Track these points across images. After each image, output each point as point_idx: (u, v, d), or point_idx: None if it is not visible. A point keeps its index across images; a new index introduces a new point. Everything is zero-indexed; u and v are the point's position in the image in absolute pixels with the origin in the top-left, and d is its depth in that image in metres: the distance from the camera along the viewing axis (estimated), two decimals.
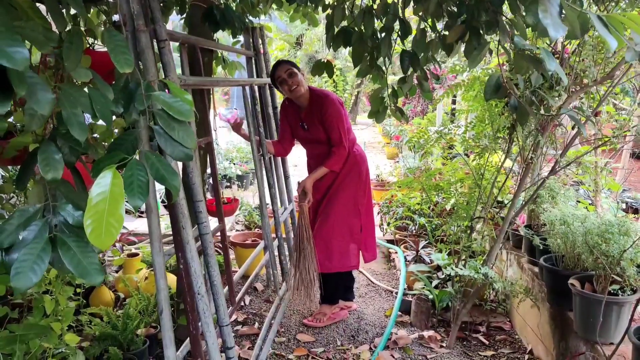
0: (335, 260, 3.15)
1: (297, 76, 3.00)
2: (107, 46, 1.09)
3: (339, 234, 3.15)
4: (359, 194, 3.19)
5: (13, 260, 1.05)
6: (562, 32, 0.99)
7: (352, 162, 3.12)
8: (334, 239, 3.14)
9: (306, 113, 3.10)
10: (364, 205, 3.22)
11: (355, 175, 3.14)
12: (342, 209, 3.14)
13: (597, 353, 2.23)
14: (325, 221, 3.16)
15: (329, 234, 3.13)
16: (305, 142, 3.23)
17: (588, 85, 2.40)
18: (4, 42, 0.75)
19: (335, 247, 3.14)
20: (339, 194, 3.14)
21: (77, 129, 1.03)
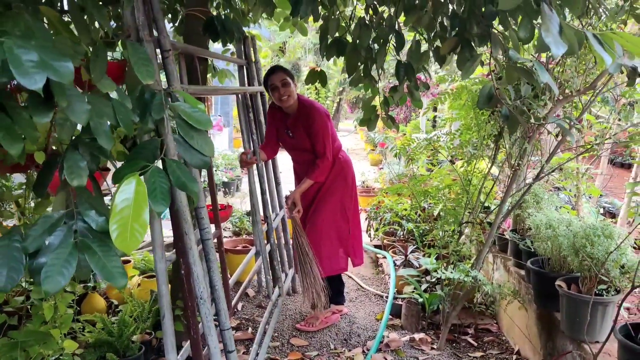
0: (324, 265, 3.22)
1: (289, 86, 3.06)
2: (130, 58, 1.14)
3: (328, 238, 3.24)
4: (346, 199, 3.27)
5: (41, 265, 1.09)
6: (562, 49, 1.08)
7: (339, 168, 3.21)
8: (322, 244, 3.21)
9: (292, 121, 3.17)
10: (351, 209, 3.31)
11: (341, 181, 3.23)
12: (330, 214, 3.23)
13: (583, 351, 2.32)
14: (314, 226, 3.23)
15: (317, 239, 3.21)
16: (290, 148, 3.31)
17: (572, 94, 2.51)
18: (50, 57, 0.79)
19: (325, 252, 3.22)
20: (326, 199, 3.23)
21: (104, 137, 1.07)
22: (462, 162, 3.28)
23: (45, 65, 0.78)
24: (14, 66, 0.75)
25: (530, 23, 1.67)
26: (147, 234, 2.09)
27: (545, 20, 1.07)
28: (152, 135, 1.84)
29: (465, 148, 3.31)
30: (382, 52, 2.28)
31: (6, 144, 0.91)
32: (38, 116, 0.87)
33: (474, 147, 3.35)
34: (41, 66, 0.77)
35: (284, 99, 3.06)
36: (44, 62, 0.78)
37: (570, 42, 1.08)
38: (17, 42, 0.77)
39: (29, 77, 0.76)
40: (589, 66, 2.66)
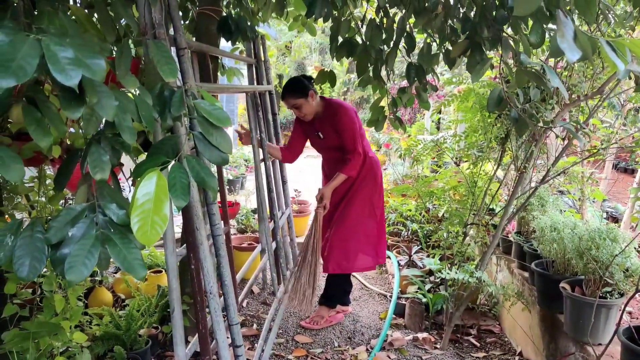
0: (351, 261, 3.25)
1: (302, 107, 3.09)
2: (153, 56, 1.17)
3: (356, 235, 3.26)
4: (375, 197, 3.31)
5: (64, 255, 1.12)
6: (577, 55, 1.10)
7: (369, 166, 3.24)
8: (351, 240, 3.24)
9: (320, 122, 3.21)
10: (379, 208, 3.34)
11: (371, 179, 3.26)
12: (359, 211, 3.25)
13: (586, 353, 2.35)
14: (343, 222, 3.26)
15: (347, 235, 3.24)
16: (321, 148, 3.36)
17: (579, 99, 2.53)
18: (84, 54, 0.82)
19: (352, 248, 3.25)
20: (356, 196, 3.26)
21: (128, 133, 1.10)
22: (469, 164, 3.31)
23: (80, 63, 0.81)
24: (52, 63, 0.78)
25: (541, 28, 1.70)
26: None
27: (560, 27, 1.09)
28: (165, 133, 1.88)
29: (471, 150, 3.34)
30: (393, 54, 2.31)
31: (37, 137, 0.94)
32: (70, 111, 0.90)
33: (479, 150, 3.37)
34: (76, 63, 0.80)
35: (303, 115, 3.15)
36: (79, 59, 0.81)
37: (584, 48, 1.11)
38: (53, 40, 0.80)
39: (65, 74, 0.79)
40: (596, 71, 2.69)
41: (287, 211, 3.78)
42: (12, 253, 1.16)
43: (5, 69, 0.74)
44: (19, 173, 0.95)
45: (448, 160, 4.63)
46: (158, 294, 3.09)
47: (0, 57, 0.74)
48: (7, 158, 0.94)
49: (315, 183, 3.81)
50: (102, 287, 3.35)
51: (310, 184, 8.39)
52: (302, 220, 5.33)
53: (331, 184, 3.15)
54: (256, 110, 3.31)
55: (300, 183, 8.14)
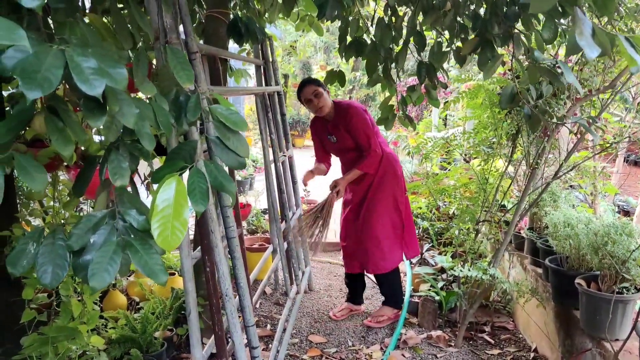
0: (388, 260, 3.29)
1: (322, 96, 3.13)
2: (169, 62, 1.18)
3: (385, 232, 3.28)
4: (398, 192, 3.31)
5: (87, 262, 1.13)
6: (596, 52, 1.10)
7: (387, 162, 3.25)
8: (383, 239, 3.26)
9: (332, 125, 3.24)
10: (403, 203, 3.34)
11: (391, 175, 3.27)
12: (384, 208, 3.27)
13: (603, 349, 2.34)
14: (371, 223, 3.27)
15: (377, 234, 3.26)
16: (336, 151, 3.39)
17: (591, 93, 2.52)
18: (106, 64, 0.83)
19: (386, 247, 3.27)
20: (379, 193, 3.27)
21: (147, 139, 1.11)
22: (480, 160, 3.30)
23: (103, 72, 0.81)
24: (76, 73, 0.78)
25: (554, 24, 1.70)
26: None
27: (579, 24, 1.09)
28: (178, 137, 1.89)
29: (481, 147, 3.33)
30: (404, 53, 2.30)
31: (59, 147, 0.95)
32: (93, 120, 0.91)
33: (488, 147, 3.36)
34: (100, 73, 0.81)
35: (320, 107, 3.16)
36: (102, 69, 0.82)
37: (603, 45, 1.11)
38: (76, 50, 0.80)
39: (90, 84, 0.79)
40: (607, 65, 2.67)
41: (298, 211, 3.79)
42: (35, 260, 1.17)
43: (31, 80, 0.74)
44: (43, 182, 0.96)
45: (458, 157, 4.62)
46: (172, 297, 3.10)
47: (26, 68, 0.75)
48: (31, 168, 0.95)
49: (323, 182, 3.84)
50: (116, 291, 3.37)
51: (318, 183, 8.41)
52: None
53: (346, 177, 3.20)
54: (266, 111, 3.31)
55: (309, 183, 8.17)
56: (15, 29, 0.57)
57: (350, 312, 3.55)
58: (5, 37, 0.57)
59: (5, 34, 0.57)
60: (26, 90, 0.74)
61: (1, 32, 0.56)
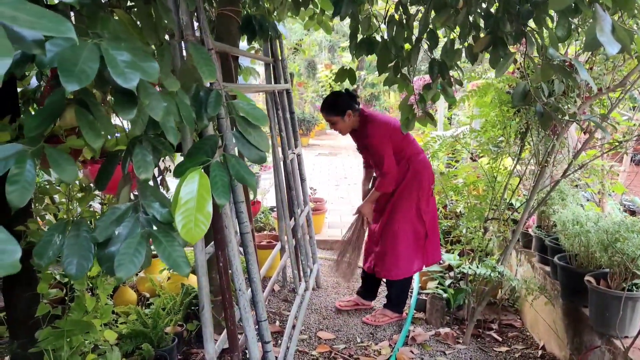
0: (401, 269, 3.29)
1: (338, 124, 3.19)
2: (193, 58, 1.20)
3: (405, 242, 3.27)
4: (422, 202, 3.27)
5: (112, 253, 1.15)
6: (616, 48, 1.11)
7: (414, 172, 3.23)
8: (400, 248, 3.27)
9: (355, 136, 3.33)
10: (429, 213, 3.31)
11: (416, 185, 3.23)
12: (405, 218, 3.26)
13: (612, 346, 2.35)
14: (389, 229, 3.29)
15: (394, 242, 3.27)
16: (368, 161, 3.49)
17: (601, 91, 2.53)
18: (139, 58, 0.85)
19: (402, 256, 3.28)
20: (401, 203, 3.27)
21: (172, 133, 1.13)
22: (489, 159, 3.31)
23: (136, 66, 0.83)
24: (111, 66, 0.80)
25: (568, 22, 1.71)
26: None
27: (599, 21, 1.11)
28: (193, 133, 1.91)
29: (490, 145, 3.35)
30: (416, 51, 2.32)
31: (90, 139, 0.97)
32: (124, 113, 0.93)
33: (495, 145, 3.38)
34: (133, 66, 0.83)
35: (339, 131, 3.26)
36: (135, 63, 0.83)
37: (622, 41, 1.12)
38: (111, 44, 0.83)
39: (125, 77, 0.81)
40: (617, 64, 2.68)
41: (306, 209, 3.81)
42: (60, 252, 1.20)
43: (69, 73, 0.76)
44: (73, 173, 0.98)
45: (465, 156, 4.64)
46: (182, 293, 3.13)
47: (64, 61, 0.77)
48: (62, 160, 0.97)
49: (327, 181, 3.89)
50: (127, 287, 3.40)
51: (324, 181, 8.44)
52: (318, 218, 5.35)
53: (368, 201, 3.31)
54: (275, 108, 3.33)
55: (314, 181, 8.19)
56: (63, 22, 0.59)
57: (355, 305, 3.58)
58: (54, 29, 0.59)
59: (54, 26, 0.59)
60: (65, 83, 0.76)
61: (50, 24, 0.58)
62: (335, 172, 9.39)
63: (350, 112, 3.16)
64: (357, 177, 8.55)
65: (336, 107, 3.17)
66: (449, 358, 2.94)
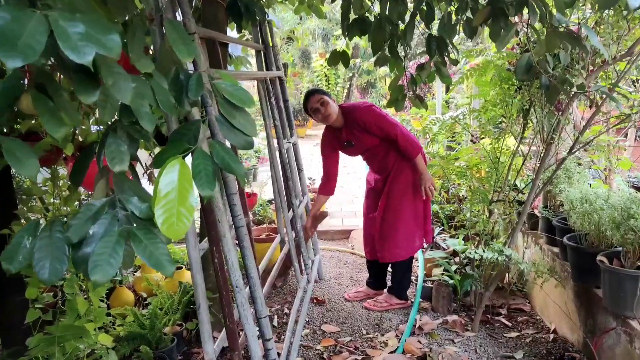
0: (403, 248, 3.22)
1: (329, 104, 3.08)
2: (168, 36, 1.08)
3: (404, 221, 3.20)
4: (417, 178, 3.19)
5: (87, 255, 1.05)
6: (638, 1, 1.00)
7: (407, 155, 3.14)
8: (400, 228, 3.19)
9: (346, 131, 3.18)
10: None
11: (409, 164, 3.16)
12: (402, 197, 3.18)
13: (629, 327, 2.26)
14: (389, 209, 3.21)
15: (395, 223, 3.19)
16: (358, 153, 3.32)
17: (606, 63, 2.41)
18: (97, 30, 0.74)
19: (402, 236, 3.21)
20: (395, 183, 3.19)
21: (147, 120, 1.02)
22: (492, 139, 3.19)
23: (93, 39, 0.72)
24: (62, 39, 0.69)
25: None
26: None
27: None
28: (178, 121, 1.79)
29: (492, 125, 3.23)
30: (411, 26, 2.20)
31: (51, 128, 0.86)
32: (85, 95, 0.81)
33: (495, 126, 3.26)
34: (89, 39, 0.72)
35: (327, 115, 3.10)
36: (91, 35, 0.72)
37: None
38: (62, 15, 0.71)
39: (78, 51, 0.70)
40: (622, 33, 2.56)
41: (305, 199, 3.70)
42: (31, 255, 1.09)
43: (11, 47, 0.65)
44: (33, 168, 0.87)
45: (465, 139, 4.52)
46: (180, 291, 3.03)
47: (5, 35, 0.66)
48: (20, 152, 0.86)
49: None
50: (123, 287, 3.30)
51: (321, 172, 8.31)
52: None
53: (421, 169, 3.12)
54: (268, 96, 3.21)
55: (313, 171, 8.07)
56: None
57: (366, 296, 3.49)
58: None
59: None
60: (5, 59, 0.65)
61: None
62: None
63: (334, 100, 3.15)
64: (355, 167, 8.44)
65: (321, 90, 3.17)
66: (458, 346, 2.85)
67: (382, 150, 3.18)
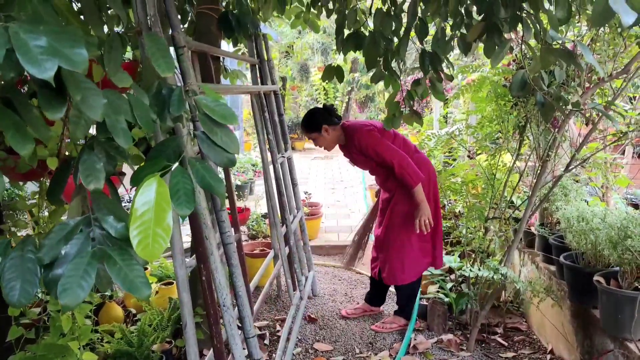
0: (407, 272, 3.14)
1: (318, 139, 3.12)
2: (147, 49, 1.05)
3: (407, 244, 3.12)
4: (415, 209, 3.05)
5: (57, 276, 1.00)
6: (632, 17, 0.97)
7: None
8: (404, 250, 3.12)
9: (346, 150, 3.21)
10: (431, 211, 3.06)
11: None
12: (406, 220, 3.07)
13: (626, 350, 2.20)
14: (392, 234, 3.13)
15: (398, 246, 3.12)
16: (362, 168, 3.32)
17: (602, 80, 2.39)
18: (61, 43, 0.70)
19: (407, 259, 3.12)
20: (401, 206, 3.10)
21: (122, 136, 0.98)
22: (488, 155, 3.16)
23: (56, 52, 0.69)
24: (21, 53, 0.66)
25: (567, 2, 1.57)
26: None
27: None
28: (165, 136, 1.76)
29: (488, 141, 3.20)
30: (405, 42, 2.17)
31: (16, 145, 0.82)
32: (50, 111, 0.78)
33: (492, 142, 3.23)
34: (52, 53, 0.68)
35: (323, 147, 3.17)
36: (55, 48, 0.69)
37: (637, 9, 0.98)
38: (23, 27, 0.68)
39: (38, 65, 0.67)
40: (618, 50, 2.54)
41: (299, 214, 3.65)
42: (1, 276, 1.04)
43: None
44: None
45: (461, 154, 4.49)
46: (170, 307, 2.97)
47: None
48: None
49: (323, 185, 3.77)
50: (113, 303, 3.24)
51: (320, 184, 8.30)
52: (314, 223, 5.20)
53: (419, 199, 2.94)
54: (262, 111, 3.18)
55: (310, 185, 8.05)
56: None
57: (363, 312, 3.44)
58: None
59: None
60: None
61: None
62: (332, 176, 9.25)
63: (327, 126, 3.06)
64: (353, 181, 8.40)
65: (311, 123, 3.11)
66: None
67: (383, 173, 3.13)
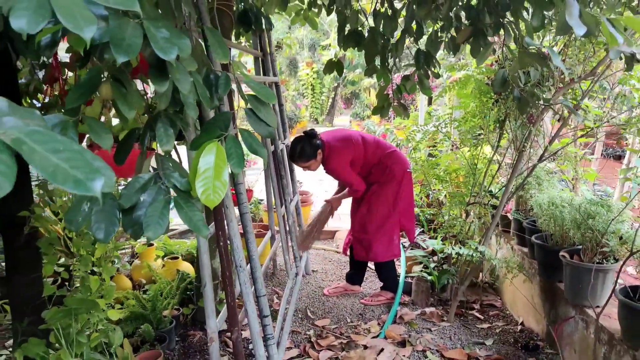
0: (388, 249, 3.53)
1: (314, 164, 3.38)
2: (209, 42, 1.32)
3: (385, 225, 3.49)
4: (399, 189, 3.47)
5: (139, 217, 1.27)
6: (583, 30, 1.27)
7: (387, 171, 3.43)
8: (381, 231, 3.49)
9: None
10: (403, 198, 3.48)
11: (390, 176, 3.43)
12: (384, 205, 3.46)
13: (585, 315, 2.54)
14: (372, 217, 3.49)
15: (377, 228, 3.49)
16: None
17: (574, 80, 2.72)
18: (174, 35, 0.98)
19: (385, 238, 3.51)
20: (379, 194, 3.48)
21: (192, 109, 1.26)
22: (470, 147, 3.49)
23: (173, 42, 0.96)
24: (153, 41, 0.93)
25: (542, 13, 1.88)
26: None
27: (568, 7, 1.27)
28: None
29: (470, 134, 3.53)
30: (402, 41, 2.47)
31: (124, 110, 1.09)
32: (159, 85, 1.05)
33: (474, 136, 3.56)
34: (171, 42, 0.95)
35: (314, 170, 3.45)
36: (172, 39, 0.96)
37: (588, 25, 1.28)
38: (152, 23, 0.95)
39: (164, 51, 0.94)
40: (587, 55, 2.87)
41: (296, 198, 3.94)
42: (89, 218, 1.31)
43: (119, 47, 0.89)
44: (110, 141, 1.10)
45: (446, 147, 4.82)
46: (178, 278, 3.23)
47: (115, 37, 0.89)
48: (99, 129, 1.09)
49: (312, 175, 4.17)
50: (122, 275, 3.49)
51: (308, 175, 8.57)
52: (305, 210, 5.49)
53: (340, 197, 3.68)
54: None
55: (299, 176, 8.31)
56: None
57: (344, 291, 3.73)
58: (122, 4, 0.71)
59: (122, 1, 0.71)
60: (116, 54, 0.88)
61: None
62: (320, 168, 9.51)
63: (320, 150, 3.32)
64: None
65: (305, 153, 3.30)
66: (435, 334, 3.11)
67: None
